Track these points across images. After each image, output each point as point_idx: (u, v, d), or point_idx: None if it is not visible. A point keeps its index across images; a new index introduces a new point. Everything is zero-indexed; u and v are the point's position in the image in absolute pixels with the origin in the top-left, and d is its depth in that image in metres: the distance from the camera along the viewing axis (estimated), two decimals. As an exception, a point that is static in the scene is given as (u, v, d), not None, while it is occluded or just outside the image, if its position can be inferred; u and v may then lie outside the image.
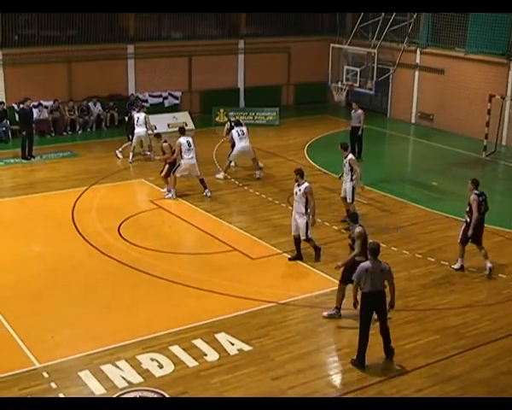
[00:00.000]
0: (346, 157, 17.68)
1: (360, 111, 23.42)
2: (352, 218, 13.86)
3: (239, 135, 21.41)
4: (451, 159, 24.69)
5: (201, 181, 19.95)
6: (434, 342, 12.51)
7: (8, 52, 26.54)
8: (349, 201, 17.71)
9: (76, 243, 16.62)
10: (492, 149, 25.11)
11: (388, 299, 11.76)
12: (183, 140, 19.69)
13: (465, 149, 25.77)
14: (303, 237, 15.61)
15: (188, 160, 19.54)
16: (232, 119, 23.57)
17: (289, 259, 15.87)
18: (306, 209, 15.40)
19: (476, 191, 15.06)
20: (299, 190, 15.42)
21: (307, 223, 15.45)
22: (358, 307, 11.78)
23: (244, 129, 21.72)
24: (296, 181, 15.54)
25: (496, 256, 16.14)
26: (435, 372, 11.59)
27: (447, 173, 22.94)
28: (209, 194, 19.84)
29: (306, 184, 15.47)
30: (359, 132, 23.38)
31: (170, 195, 19.65)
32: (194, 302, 13.86)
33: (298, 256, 15.77)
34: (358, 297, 11.78)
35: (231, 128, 21.97)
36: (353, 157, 17.86)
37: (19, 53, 26.53)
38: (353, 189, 17.63)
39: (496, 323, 13.22)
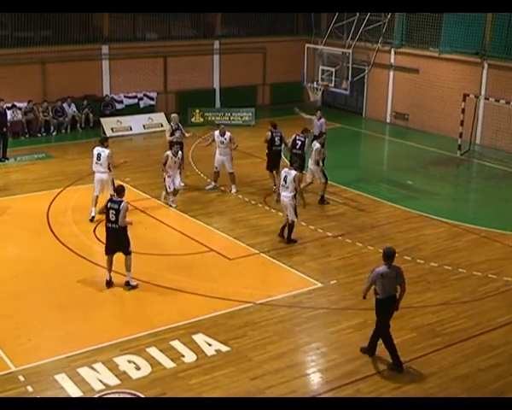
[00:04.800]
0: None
1: (323, 120, 22.23)
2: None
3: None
4: (426, 158, 24.84)
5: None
6: (411, 339, 12.56)
7: (-19, 54, 26.31)
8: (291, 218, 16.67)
9: (52, 245, 16.48)
10: (467, 148, 25.31)
11: None
12: (95, 151, 17.86)
13: (440, 148, 25.95)
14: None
15: (99, 174, 17.82)
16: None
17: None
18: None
19: None
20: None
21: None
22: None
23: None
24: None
25: (471, 254, 16.33)
26: (413, 370, 11.65)
27: (422, 172, 23.09)
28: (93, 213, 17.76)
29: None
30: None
31: (93, 214, 17.66)
32: (171, 303, 13.80)
33: None
34: None
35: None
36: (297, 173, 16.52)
37: (-8, 54, 26.33)
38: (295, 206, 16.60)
39: (472, 320, 13.32)
